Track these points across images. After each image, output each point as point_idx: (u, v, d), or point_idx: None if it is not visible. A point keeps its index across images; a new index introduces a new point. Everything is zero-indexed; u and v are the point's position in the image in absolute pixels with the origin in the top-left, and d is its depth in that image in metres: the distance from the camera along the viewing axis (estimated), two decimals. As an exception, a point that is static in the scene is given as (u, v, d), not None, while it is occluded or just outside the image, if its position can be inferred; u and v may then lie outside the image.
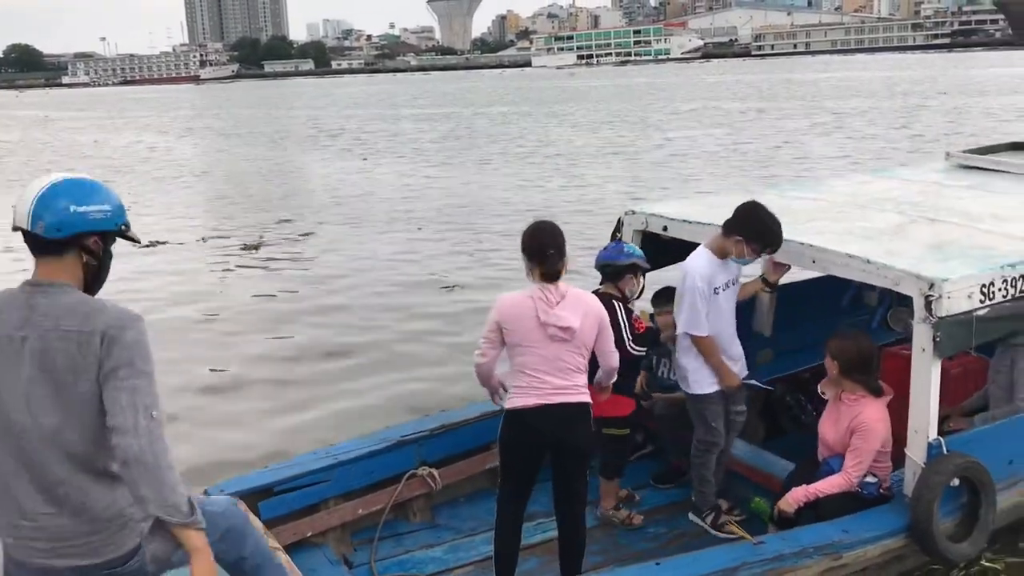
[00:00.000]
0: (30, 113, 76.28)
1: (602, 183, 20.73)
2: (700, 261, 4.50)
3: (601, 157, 26.21)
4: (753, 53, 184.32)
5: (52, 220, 2.57)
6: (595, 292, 4.68)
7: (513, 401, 3.92)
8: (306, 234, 15.87)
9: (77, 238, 2.61)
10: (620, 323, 4.51)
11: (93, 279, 2.70)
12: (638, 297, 4.84)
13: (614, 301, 4.58)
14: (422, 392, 8.00)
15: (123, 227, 2.71)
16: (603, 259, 4.77)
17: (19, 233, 2.63)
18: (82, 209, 2.60)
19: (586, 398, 3.98)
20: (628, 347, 4.50)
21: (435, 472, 4.86)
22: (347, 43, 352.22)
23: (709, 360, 4.53)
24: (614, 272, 4.70)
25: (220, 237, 15.89)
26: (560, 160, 25.92)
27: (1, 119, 66.54)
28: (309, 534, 4.43)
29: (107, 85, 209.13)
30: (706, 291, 4.45)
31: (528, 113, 48.64)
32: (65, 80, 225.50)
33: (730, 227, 4.46)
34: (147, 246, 15.17)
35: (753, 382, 4.75)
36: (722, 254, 4.50)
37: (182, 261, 14.03)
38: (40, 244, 2.61)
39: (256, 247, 14.81)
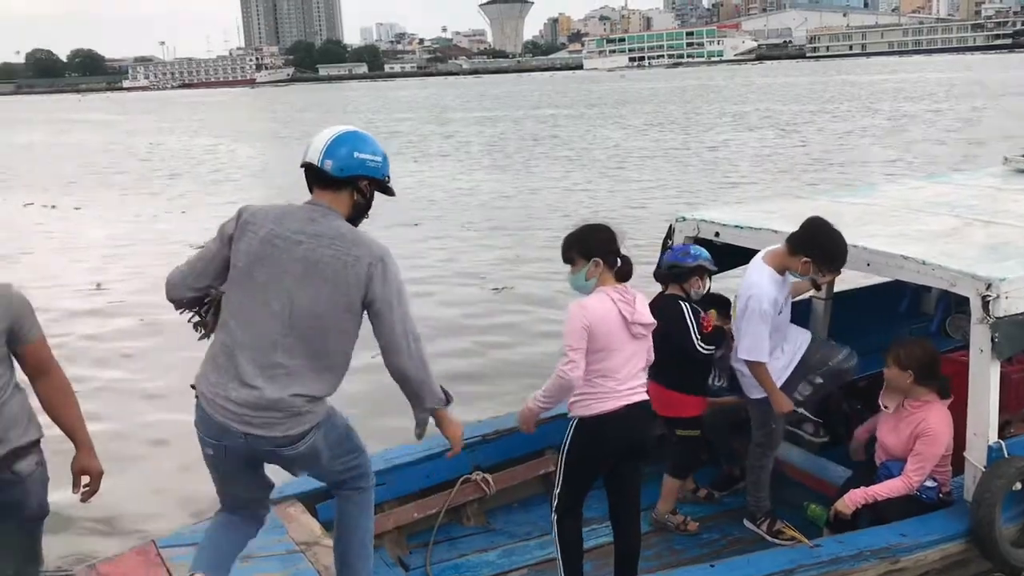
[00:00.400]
0: (91, 116, 78.18)
1: (650, 186, 20.63)
2: (765, 284, 4.32)
3: (649, 160, 26.09)
4: (807, 55, 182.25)
5: (338, 162, 3.10)
6: (661, 293, 4.72)
7: (590, 408, 3.79)
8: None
9: (354, 179, 3.13)
10: (688, 323, 4.53)
11: (357, 215, 3.21)
12: (702, 297, 4.83)
13: (680, 301, 4.60)
14: (473, 396, 7.98)
15: (386, 178, 3.22)
16: (670, 260, 4.79)
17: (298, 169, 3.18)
18: (362, 156, 3.13)
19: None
20: (697, 346, 4.51)
21: (488, 477, 4.86)
22: (400, 47, 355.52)
23: (763, 384, 4.43)
24: (680, 273, 4.71)
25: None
26: (608, 163, 25.85)
27: (63, 123, 68.31)
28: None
29: (165, 88, 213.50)
30: (771, 315, 4.32)
31: (577, 115, 48.59)
32: (125, 84, 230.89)
33: (797, 246, 4.26)
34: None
35: (802, 411, 4.68)
36: (782, 271, 4.38)
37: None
38: (322, 178, 3.12)
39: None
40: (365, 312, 3.11)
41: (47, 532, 3.37)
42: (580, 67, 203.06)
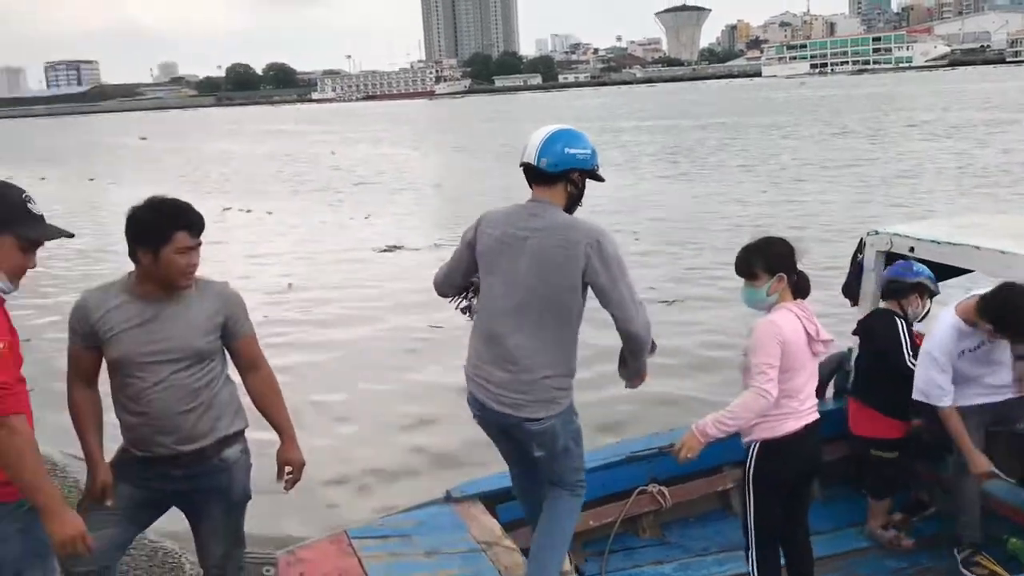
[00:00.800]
0: (282, 127, 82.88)
1: (826, 199, 19.84)
2: (945, 333, 4.24)
3: (829, 171, 25.10)
4: (1008, 60, 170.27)
5: (552, 159, 3.43)
6: (877, 308, 4.64)
7: (774, 430, 3.70)
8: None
9: (566, 172, 3.45)
10: (902, 339, 4.45)
11: (572, 204, 3.53)
12: (921, 319, 4.70)
13: (895, 317, 4.52)
14: (638, 415, 7.90)
15: (595, 167, 3.53)
16: (890, 275, 4.69)
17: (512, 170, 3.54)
18: (572, 151, 3.45)
19: None
20: (908, 363, 4.43)
21: (665, 490, 4.83)
22: (574, 57, 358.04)
23: (955, 439, 4.27)
24: (899, 289, 4.62)
25: (452, 245, 16.50)
26: (783, 174, 25.08)
27: (258, 133, 72.77)
28: None
29: (350, 100, 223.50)
30: (945, 363, 4.23)
31: (752, 124, 47.39)
32: (314, 96, 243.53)
33: (984, 311, 4.15)
34: (385, 250, 16.15)
35: (996, 471, 4.44)
36: (971, 323, 4.24)
37: (418, 265, 14.76)
38: (539, 175, 3.48)
39: (483, 254, 15.31)
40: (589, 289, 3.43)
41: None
42: (758, 74, 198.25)
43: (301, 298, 12.88)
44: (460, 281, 3.76)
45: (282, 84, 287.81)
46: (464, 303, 3.79)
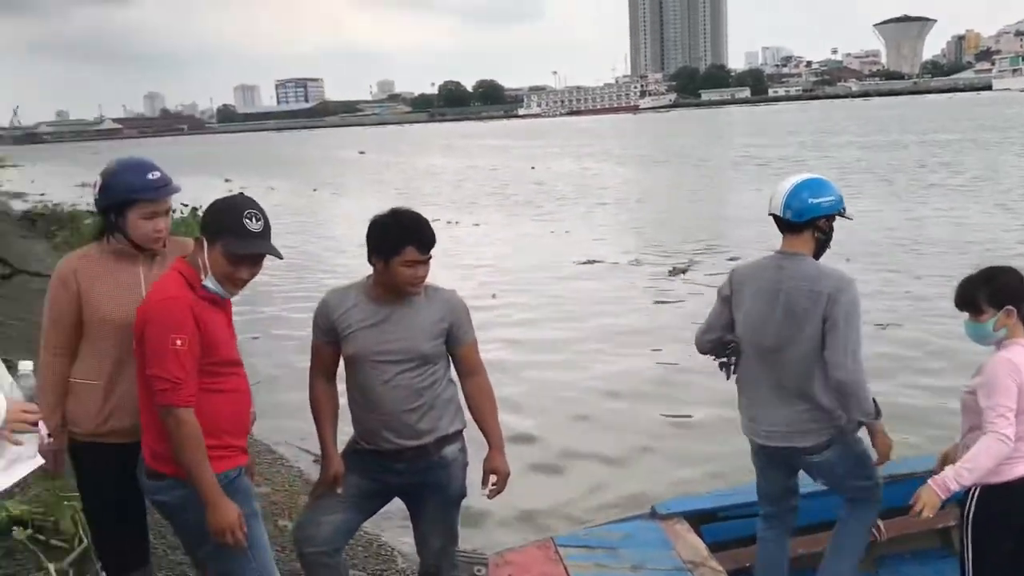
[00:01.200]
0: (490, 142, 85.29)
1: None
2: None
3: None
4: None
5: (797, 208, 3.64)
6: None
7: (1001, 474, 3.44)
8: (733, 259, 15.94)
9: (812, 221, 3.65)
10: None
11: (820, 249, 3.74)
12: None
13: None
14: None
15: (842, 210, 3.75)
16: None
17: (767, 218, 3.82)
18: (817, 200, 3.65)
19: None
20: None
21: (880, 523, 4.57)
22: (785, 70, 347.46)
23: None
24: None
25: (651, 262, 16.54)
26: (1012, 195, 23.21)
27: (467, 148, 75.28)
28: (748, 564, 4.35)
29: (555, 116, 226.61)
30: None
31: (978, 142, 44.13)
32: (520, 112, 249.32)
33: None
34: (584, 263, 16.35)
35: None
36: None
37: (615, 280, 14.88)
38: (787, 225, 3.69)
39: (684, 270, 15.23)
40: None
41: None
42: (987, 88, 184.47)
43: (502, 310, 13.25)
44: (714, 335, 3.94)
45: (490, 100, 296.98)
46: (724, 359, 3.95)
